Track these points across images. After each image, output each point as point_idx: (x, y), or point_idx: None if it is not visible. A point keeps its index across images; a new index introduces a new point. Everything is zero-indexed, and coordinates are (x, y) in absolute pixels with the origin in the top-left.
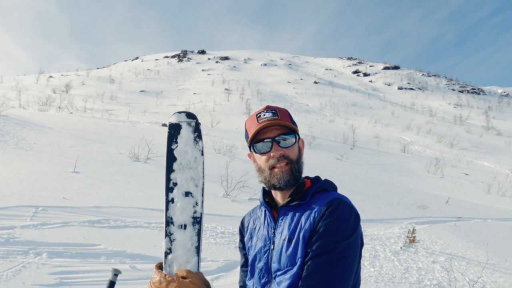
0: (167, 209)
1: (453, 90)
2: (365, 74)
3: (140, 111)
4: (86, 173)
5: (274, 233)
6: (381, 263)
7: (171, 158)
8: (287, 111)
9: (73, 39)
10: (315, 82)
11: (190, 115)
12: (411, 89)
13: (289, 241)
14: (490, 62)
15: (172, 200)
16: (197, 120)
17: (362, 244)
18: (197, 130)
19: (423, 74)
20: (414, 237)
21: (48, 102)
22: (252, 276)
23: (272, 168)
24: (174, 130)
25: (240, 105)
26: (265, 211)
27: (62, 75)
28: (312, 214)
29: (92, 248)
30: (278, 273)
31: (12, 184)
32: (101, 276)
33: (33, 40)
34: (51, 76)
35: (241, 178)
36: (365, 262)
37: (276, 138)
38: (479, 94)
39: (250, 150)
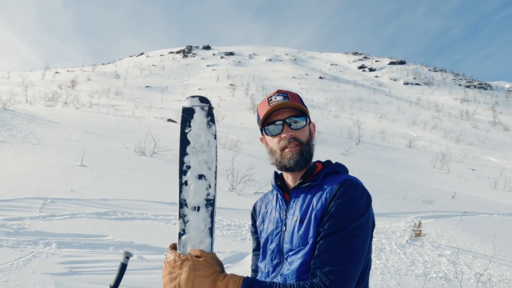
0: (180, 191)
1: (460, 85)
2: (371, 69)
3: (145, 106)
4: (93, 166)
5: (286, 215)
6: (387, 255)
7: (184, 142)
8: (298, 95)
9: (77, 35)
10: (320, 78)
11: (203, 99)
12: (417, 84)
13: (301, 221)
14: (498, 56)
15: (186, 183)
16: (210, 104)
17: (373, 225)
18: (210, 114)
19: (429, 69)
20: (420, 230)
21: (54, 98)
22: (264, 258)
23: (283, 149)
24: (187, 114)
25: (245, 100)
26: (277, 194)
27: (68, 71)
28: (324, 195)
29: (100, 239)
30: (290, 253)
31: (20, 177)
32: (110, 266)
33: (37, 35)
34: (57, 72)
35: (246, 172)
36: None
37: (287, 120)
38: (486, 89)
39: (262, 134)
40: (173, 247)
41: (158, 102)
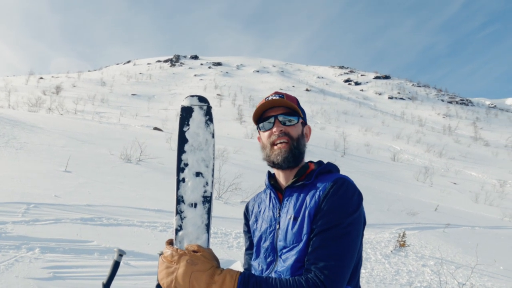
0: (178, 188)
1: (443, 100)
2: (356, 83)
3: (131, 114)
4: (77, 172)
5: (279, 213)
6: (372, 265)
7: (182, 140)
8: (296, 98)
9: (64, 40)
10: (307, 90)
11: (202, 99)
12: (402, 98)
13: (295, 219)
14: (479, 74)
15: (183, 180)
16: (208, 104)
17: (364, 222)
18: (208, 113)
19: (413, 84)
20: (404, 241)
21: (38, 104)
22: (257, 256)
23: (273, 144)
24: (186, 113)
25: (232, 111)
26: (270, 193)
27: (52, 76)
28: (317, 193)
29: (85, 245)
30: (284, 250)
31: (2, 181)
32: (95, 271)
33: (23, 40)
34: (41, 78)
35: (233, 181)
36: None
37: (279, 116)
38: (467, 105)
39: (258, 130)
40: (170, 242)
41: (145, 111)
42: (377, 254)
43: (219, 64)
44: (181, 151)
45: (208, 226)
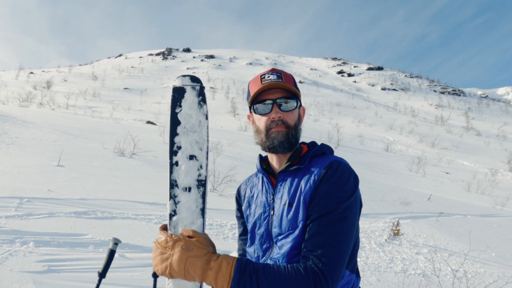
0: (171, 172)
1: (435, 91)
2: (349, 75)
3: (124, 108)
4: (70, 166)
5: (273, 199)
6: (366, 253)
7: (175, 122)
8: (292, 76)
9: (54, 34)
10: (300, 82)
11: (194, 79)
12: (394, 89)
13: (290, 205)
14: (471, 64)
15: (176, 163)
16: (201, 83)
17: (361, 205)
18: (201, 94)
19: (405, 75)
20: (398, 230)
21: (29, 98)
22: (252, 243)
23: (269, 129)
24: (178, 94)
25: (225, 103)
26: (262, 177)
27: (43, 71)
28: (312, 177)
29: (79, 238)
30: (280, 237)
31: None
32: (91, 264)
33: (11, 34)
34: (31, 73)
35: (228, 173)
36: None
37: (278, 100)
38: (459, 95)
39: (250, 111)
40: (164, 228)
41: (137, 104)
42: (372, 243)
43: (211, 57)
44: (173, 133)
45: (203, 211)
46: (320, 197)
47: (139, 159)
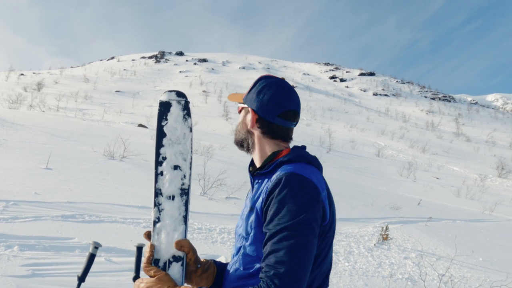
0: (156, 181)
1: (426, 97)
2: (342, 80)
3: (115, 111)
4: (59, 169)
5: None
6: (355, 258)
7: (161, 134)
8: (257, 82)
9: (45, 34)
10: (293, 86)
11: (180, 94)
12: (386, 95)
13: (251, 210)
14: (461, 70)
15: (161, 173)
16: (186, 98)
17: (326, 217)
18: (186, 108)
19: (397, 81)
20: (387, 234)
21: (19, 100)
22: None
23: None
24: (164, 108)
25: (218, 107)
26: (250, 180)
27: (34, 73)
28: (266, 189)
29: (66, 242)
30: (243, 239)
31: None
32: (76, 268)
33: (0, 34)
34: (22, 74)
35: (218, 177)
36: (339, 257)
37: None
38: (450, 101)
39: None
40: (148, 234)
41: (129, 107)
42: (361, 247)
43: (204, 60)
44: (159, 145)
45: (185, 218)
46: (271, 215)
47: (129, 162)
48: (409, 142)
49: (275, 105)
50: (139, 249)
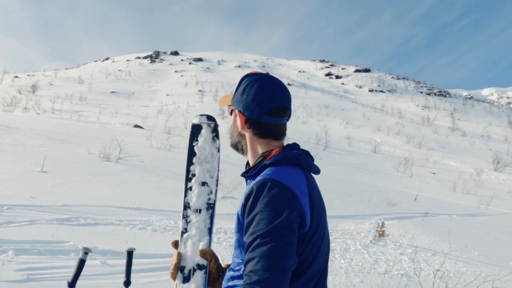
0: (185, 195)
1: (421, 92)
2: (337, 77)
3: (111, 112)
4: (54, 172)
5: None
6: (351, 255)
7: (191, 153)
8: (241, 81)
9: (38, 36)
10: (289, 84)
11: (210, 118)
12: (381, 91)
13: (237, 213)
14: (456, 65)
15: (190, 188)
16: (215, 122)
17: (305, 225)
18: (215, 130)
19: (392, 77)
20: (383, 231)
21: (13, 103)
22: None
23: None
24: (195, 130)
25: (214, 106)
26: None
27: (28, 75)
28: (244, 194)
29: (61, 245)
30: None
31: None
32: (71, 272)
33: None
34: (16, 76)
35: None
36: (335, 254)
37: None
38: (445, 96)
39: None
40: (175, 243)
41: (125, 108)
42: (357, 244)
43: (200, 59)
44: (189, 163)
45: (210, 230)
46: (247, 223)
47: (125, 163)
48: (405, 138)
49: (260, 103)
50: (130, 253)
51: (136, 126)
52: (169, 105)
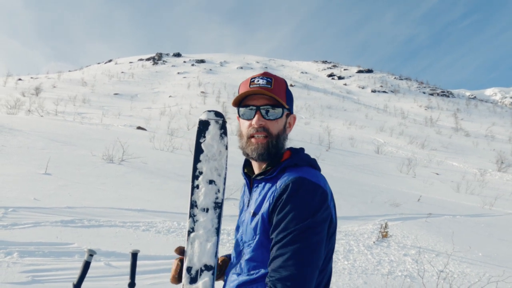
0: (192, 193)
1: (424, 93)
2: (340, 77)
3: (114, 114)
4: (58, 174)
5: (248, 204)
6: (354, 256)
7: (198, 150)
8: (284, 82)
9: (40, 37)
10: (291, 85)
11: (218, 114)
12: (384, 92)
13: (254, 215)
14: (459, 65)
15: (197, 186)
16: (224, 118)
17: (333, 222)
18: (223, 127)
19: (395, 78)
20: (387, 232)
21: (17, 105)
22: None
23: (250, 137)
24: (203, 126)
25: (216, 108)
26: (244, 182)
27: (31, 77)
28: (273, 194)
29: (65, 247)
30: (245, 244)
31: None
32: (76, 274)
33: None
34: (19, 79)
35: None
36: (339, 256)
37: (261, 108)
38: (448, 96)
39: (238, 114)
40: (180, 251)
41: (127, 110)
42: (360, 245)
43: (202, 61)
44: (196, 160)
45: (218, 230)
46: (279, 219)
47: (128, 165)
48: (408, 138)
49: (292, 106)
50: (134, 255)
51: (139, 128)
52: (171, 107)
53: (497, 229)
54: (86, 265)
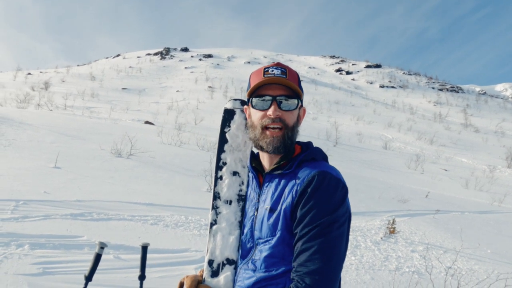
0: (215, 185)
1: (433, 88)
2: (348, 73)
3: (122, 108)
4: (67, 168)
5: (258, 199)
6: (362, 252)
7: (223, 140)
8: (297, 74)
9: (49, 32)
10: None
11: (244, 103)
12: (393, 87)
13: (271, 211)
14: (469, 60)
15: (221, 178)
16: None
17: (350, 217)
18: None
19: (404, 73)
20: (394, 228)
21: (27, 100)
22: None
23: (264, 128)
24: (228, 115)
25: (223, 102)
26: (252, 176)
27: (41, 72)
28: (295, 187)
29: (75, 240)
30: (260, 241)
31: None
32: (85, 266)
33: (4, 31)
34: (29, 73)
35: None
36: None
37: (278, 98)
38: (457, 92)
39: (248, 104)
40: (198, 281)
41: (135, 104)
42: (367, 241)
43: (210, 56)
44: (220, 150)
45: (240, 224)
46: (303, 213)
47: (136, 159)
48: (417, 134)
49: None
50: (144, 248)
51: (147, 122)
52: (179, 101)
53: (507, 226)
54: (97, 258)
